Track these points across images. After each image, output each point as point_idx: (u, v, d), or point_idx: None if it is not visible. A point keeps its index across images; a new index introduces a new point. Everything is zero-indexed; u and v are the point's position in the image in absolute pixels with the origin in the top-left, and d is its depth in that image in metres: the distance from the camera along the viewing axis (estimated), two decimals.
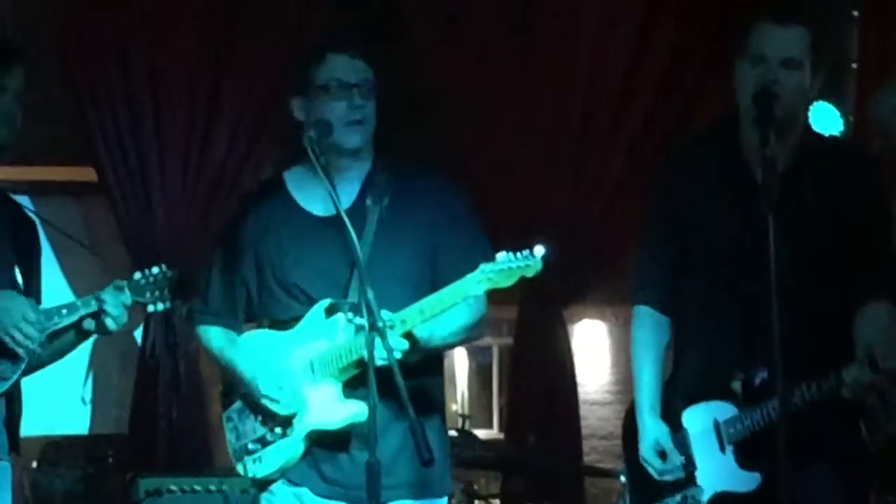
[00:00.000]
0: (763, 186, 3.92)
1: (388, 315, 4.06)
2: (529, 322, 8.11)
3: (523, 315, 8.14)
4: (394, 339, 4.03)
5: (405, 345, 4.09)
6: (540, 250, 4.06)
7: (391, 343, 3.97)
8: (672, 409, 4.38)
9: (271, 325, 4.45)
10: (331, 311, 4.29)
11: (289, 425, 4.34)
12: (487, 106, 8.02)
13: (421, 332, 4.17)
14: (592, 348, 12.10)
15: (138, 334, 8.15)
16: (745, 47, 4.20)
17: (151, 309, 4.61)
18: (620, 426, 4.62)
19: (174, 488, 6.46)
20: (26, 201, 8.53)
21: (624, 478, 6.04)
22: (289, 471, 4.37)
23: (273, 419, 4.36)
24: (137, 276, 4.56)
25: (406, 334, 4.13)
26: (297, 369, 4.32)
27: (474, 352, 13.22)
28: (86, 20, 7.80)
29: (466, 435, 6.84)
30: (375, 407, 3.92)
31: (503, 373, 12.47)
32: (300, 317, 4.34)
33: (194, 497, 6.40)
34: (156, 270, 4.57)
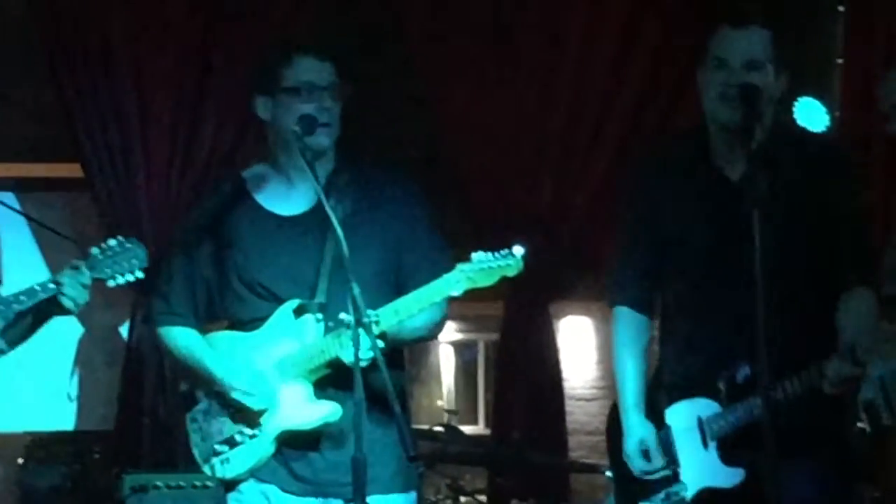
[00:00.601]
0: (749, 181, 3.94)
1: (371, 313, 4.05)
2: (515, 318, 8.13)
3: (509, 311, 8.15)
4: (369, 334, 4.01)
5: (381, 343, 4.07)
6: (519, 250, 4.10)
7: (371, 340, 3.96)
8: (656, 406, 4.40)
9: (233, 326, 4.44)
10: (299, 312, 4.30)
11: (258, 425, 4.34)
12: (472, 105, 8.03)
13: (390, 328, 4.18)
14: (578, 344, 12.10)
15: (124, 331, 8.15)
16: (706, 54, 4.24)
17: (113, 284, 4.44)
18: (606, 422, 4.64)
19: (160, 484, 6.46)
20: (11, 198, 8.56)
21: (610, 473, 6.08)
22: (257, 470, 4.37)
23: (243, 417, 4.35)
24: (94, 251, 4.41)
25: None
26: (266, 369, 4.32)
27: (460, 348, 13.22)
28: (70, 17, 7.79)
29: (452, 431, 6.83)
30: (363, 402, 3.90)
31: (489, 369, 12.45)
32: (265, 316, 4.34)
33: (180, 493, 6.41)
34: (113, 243, 4.42)
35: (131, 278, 4.45)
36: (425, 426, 7.00)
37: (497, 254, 4.10)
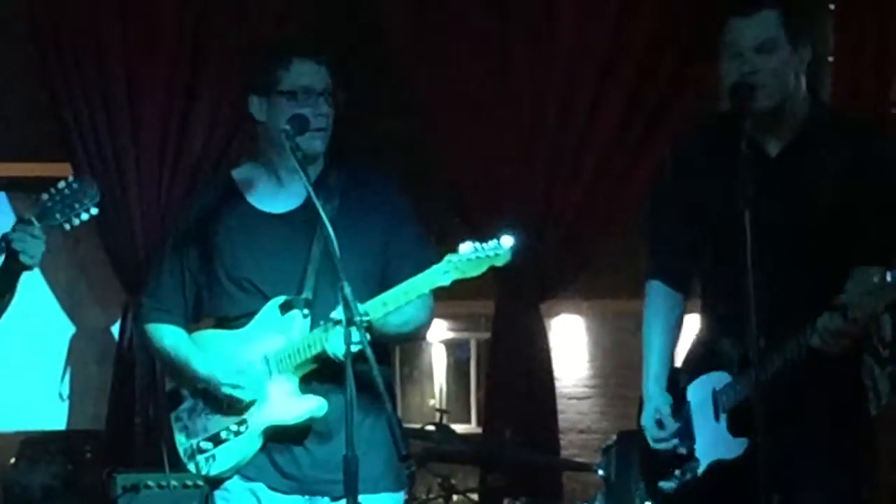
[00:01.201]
0: (740, 182, 3.95)
1: (361, 307, 4.05)
2: (507, 317, 8.12)
3: (501, 310, 8.15)
4: (360, 331, 4.02)
5: (368, 337, 4.06)
6: (508, 240, 4.09)
7: (357, 335, 3.96)
8: (680, 384, 4.44)
9: (219, 323, 4.46)
10: (286, 308, 4.32)
11: (243, 422, 4.34)
12: (464, 99, 8.01)
13: (376, 320, 4.18)
14: (570, 343, 12.14)
15: (115, 330, 8.15)
16: (722, 45, 4.25)
17: (69, 227, 4.28)
18: (598, 420, 4.65)
19: (151, 484, 6.45)
20: (2, 198, 8.56)
21: (601, 471, 6.08)
22: (243, 467, 4.37)
23: (231, 412, 4.35)
24: (43, 197, 4.24)
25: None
26: (253, 364, 4.33)
27: (452, 347, 13.24)
28: (62, 17, 7.79)
29: (444, 429, 6.82)
30: (353, 400, 3.90)
31: (481, 367, 12.49)
32: (251, 313, 4.36)
33: (171, 493, 6.39)
34: (61, 185, 4.25)
35: (86, 217, 4.30)
36: (417, 425, 7.00)
37: (485, 244, 4.11)
